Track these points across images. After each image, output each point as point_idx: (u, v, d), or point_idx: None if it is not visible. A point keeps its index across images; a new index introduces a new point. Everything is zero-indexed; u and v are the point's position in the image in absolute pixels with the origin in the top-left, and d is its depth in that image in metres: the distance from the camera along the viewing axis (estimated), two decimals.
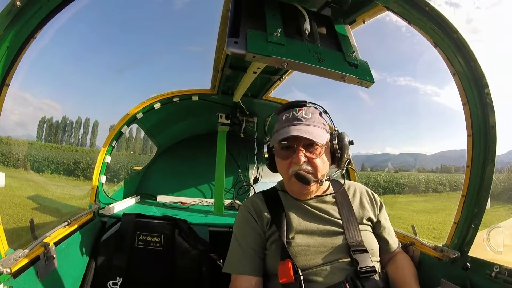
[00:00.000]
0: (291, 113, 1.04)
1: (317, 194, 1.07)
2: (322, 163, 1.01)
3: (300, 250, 0.95)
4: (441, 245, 1.12)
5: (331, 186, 1.13)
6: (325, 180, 1.03)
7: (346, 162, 1.09)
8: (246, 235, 1.03)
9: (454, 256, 1.04)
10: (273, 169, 1.11)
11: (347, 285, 0.88)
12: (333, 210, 1.05)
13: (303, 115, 1.02)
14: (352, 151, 1.19)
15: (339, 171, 1.12)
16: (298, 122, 1.00)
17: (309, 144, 0.98)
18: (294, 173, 0.98)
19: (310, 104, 1.08)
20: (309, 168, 0.98)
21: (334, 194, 1.08)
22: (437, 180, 23.94)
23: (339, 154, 1.04)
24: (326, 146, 1.03)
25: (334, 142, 1.04)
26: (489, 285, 0.93)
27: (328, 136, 1.04)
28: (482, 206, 1.00)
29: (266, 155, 1.12)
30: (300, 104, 1.07)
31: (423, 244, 1.19)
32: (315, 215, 1.03)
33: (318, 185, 1.02)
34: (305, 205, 1.05)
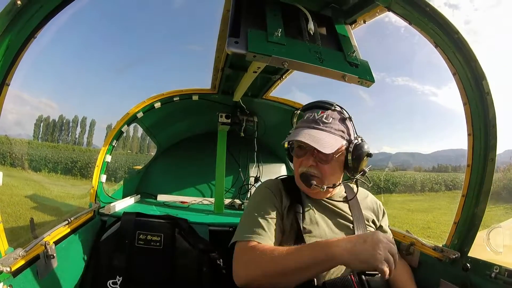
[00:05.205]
0: (313, 114, 1.02)
1: (325, 197, 1.08)
2: (331, 170, 1.00)
3: (314, 240, 0.94)
4: (441, 246, 1.12)
5: (344, 192, 1.13)
6: (337, 186, 1.04)
7: (360, 173, 1.04)
8: (266, 209, 0.97)
9: (454, 257, 1.04)
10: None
11: (353, 277, 0.89)
12: (345, 207, 1.08)
13: (323, 119, 1.00)
14: None
15: (355, 179, 1.07)
16: (315, 126, 0.99)
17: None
18: (301, 173, 1.01)
19: (337, 107, 1.04)
20: (316, 172, 0.99)
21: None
22: (433, 179, 23.99)
23: (351, 165, 1.01)
24: (340, 154, 1.00)
25: (349, 151, 1.00)
26: (489, 285, 0.93)
27: (345, 144, 1.00)
28: (482, 206, 1.00)
29: (286, 146, 1.15)
30: (326, 106, 1.04)
31: (423, 245, 1.19)
32: (329, 210, 1.06)
33: (321, 190, 0.98)
34: (320, 199, 1.07)
